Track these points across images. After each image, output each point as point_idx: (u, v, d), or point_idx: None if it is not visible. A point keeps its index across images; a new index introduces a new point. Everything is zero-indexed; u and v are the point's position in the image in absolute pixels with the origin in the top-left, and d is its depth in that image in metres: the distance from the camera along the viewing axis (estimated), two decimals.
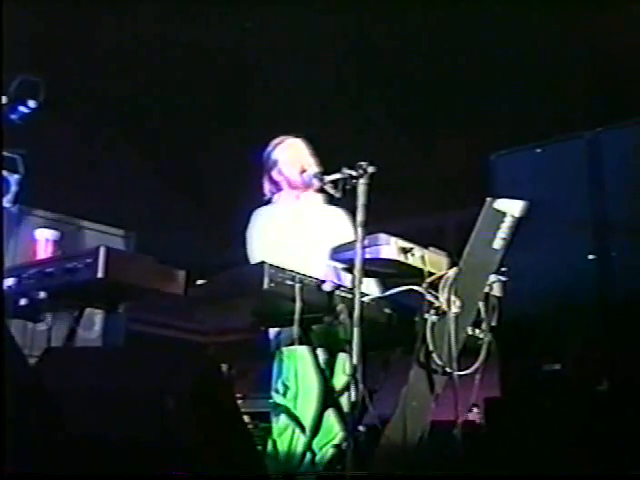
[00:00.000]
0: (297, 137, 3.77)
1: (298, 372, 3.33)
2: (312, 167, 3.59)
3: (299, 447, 3.27)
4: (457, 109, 6.19)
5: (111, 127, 6.73)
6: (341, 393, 3.18)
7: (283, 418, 3.36)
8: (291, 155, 3.71)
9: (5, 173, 3.71)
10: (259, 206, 3.73)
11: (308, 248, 3.44)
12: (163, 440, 2.41)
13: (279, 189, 3.73)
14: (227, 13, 5.68)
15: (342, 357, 3.34)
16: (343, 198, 3.11)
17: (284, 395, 3.38)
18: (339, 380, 3.33)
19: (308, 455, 3.30)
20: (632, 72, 5.23)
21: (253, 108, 6.37)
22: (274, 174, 3.72)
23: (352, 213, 2.97)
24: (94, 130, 6.66)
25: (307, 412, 3.29)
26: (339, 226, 3.62)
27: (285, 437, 3.32)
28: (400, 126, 6.56)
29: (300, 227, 3.59)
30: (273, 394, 3.45)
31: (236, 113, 6.51)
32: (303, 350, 3.24)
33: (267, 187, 3.76)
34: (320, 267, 3.18)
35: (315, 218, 3.66)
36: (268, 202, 3.76)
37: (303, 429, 3.29)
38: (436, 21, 5.60)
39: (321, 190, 3.53)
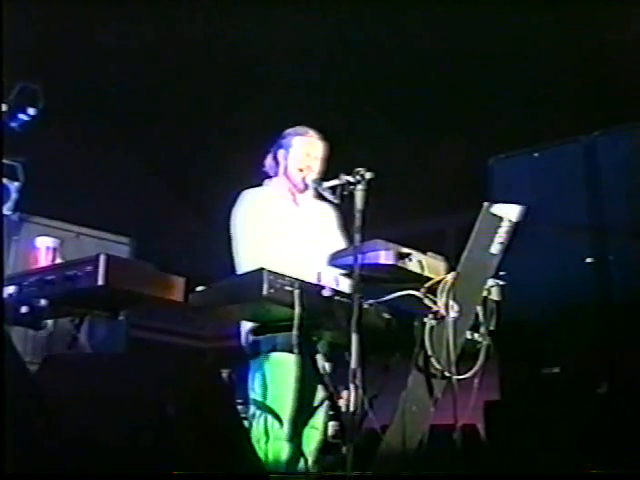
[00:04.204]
0: (321, 140, 3.69)
1: (275, 377, 3.30)
2: (313, 173, 3.57)
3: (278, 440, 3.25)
4: (455, 114, 6.21)
5: (111, 134, 6.75)
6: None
7: (259, 412, 3.32)
8: (304, 151, 3.63)
9: (5, 181, 3.71)
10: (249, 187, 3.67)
11: (301, 240, 3.47)
12: (163, 446, 2.41)
13: (276, 171, 3.69)
14: (225, 11, 5.68)
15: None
16: (341, 204, 3.13)
17: (263, 397, 3.34)
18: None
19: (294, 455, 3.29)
20: (628, 77, 5.25)
21: (252, 114, 6.38)
22: (280, 153, 3.66)
23: (349, 218, 2.99)
24: (94, 137, 6.67)
25: (284, 410, 3.27)
26: (328, 223, 3.67)
27: (260, 427, 3.28)
28: (399, 131, 6.58)
29: (292, 218, 3.58)
30: (251, 393, 3.41)
31: (235, 119, 6.53)
32: (281, 356, 3.24)
33: (268, 162, 3.70)
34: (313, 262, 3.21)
35: (307, 212, 3.66)
36: (258, 185, 3.71)
37: (280, 421, 3.27)
38: (435, 26, 5.62)
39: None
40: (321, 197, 3.47)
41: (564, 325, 4.21)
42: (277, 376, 3.32)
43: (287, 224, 3.53)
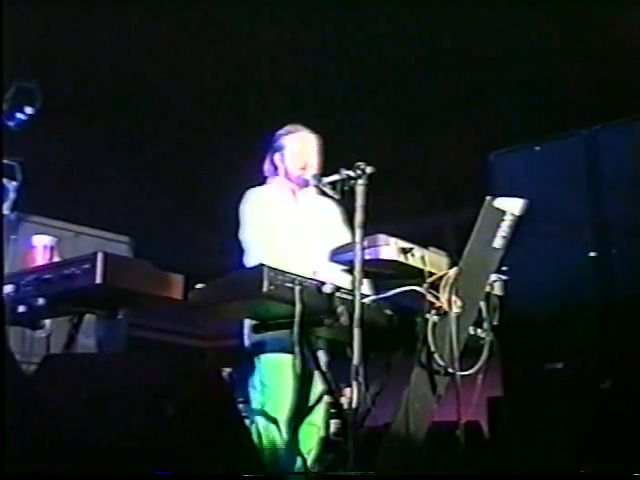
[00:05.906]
0: (312, 133, 3.71)
1: (271, 380, 3.33)
2: (312, 168, 3.57)
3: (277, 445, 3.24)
4: (455, 108, 6.19)
5: (108, 133, 6.72)
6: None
7: (259, 419, 3.33)
8: (299, 148, 3.65)
9: (3, 180, 3.69)
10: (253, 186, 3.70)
11: (299, 238, 3.48)
12: (164, 446, 2.39)
13: (276, 173, 3.71)
14: (226, 10, 5.65)
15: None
16: (342, 199, 3.10)
17: (261, 399, 3.36)
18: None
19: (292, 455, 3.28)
20: (629, 70, 5.24)
21: (253, 111, 6.36)
22: (275, 157, 3.69)
23: (351, 214, 2.96)
24: (92, 136, 6.65)
25: (283, 413, 3.28)
26: (331, 219, 3.66)
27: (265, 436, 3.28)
28: (399, 126, 6.56)
29: (292, 216, 3.59)
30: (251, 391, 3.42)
31: (235, 118, 6.51)
32: (279, 357, 3.24)
33: (266, 166, 3.74)
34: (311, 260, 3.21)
35: (307, 210, 3.66)
36: (261, 184, 3.73)
37: (276, 423, 3.26)
38: (434, 21, 5.59)
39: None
40: (324, 193, 3.46)
41: (567, 320, 4.19)
42: (274, 378, 3.33)
43: (287, 222, 3.54)
